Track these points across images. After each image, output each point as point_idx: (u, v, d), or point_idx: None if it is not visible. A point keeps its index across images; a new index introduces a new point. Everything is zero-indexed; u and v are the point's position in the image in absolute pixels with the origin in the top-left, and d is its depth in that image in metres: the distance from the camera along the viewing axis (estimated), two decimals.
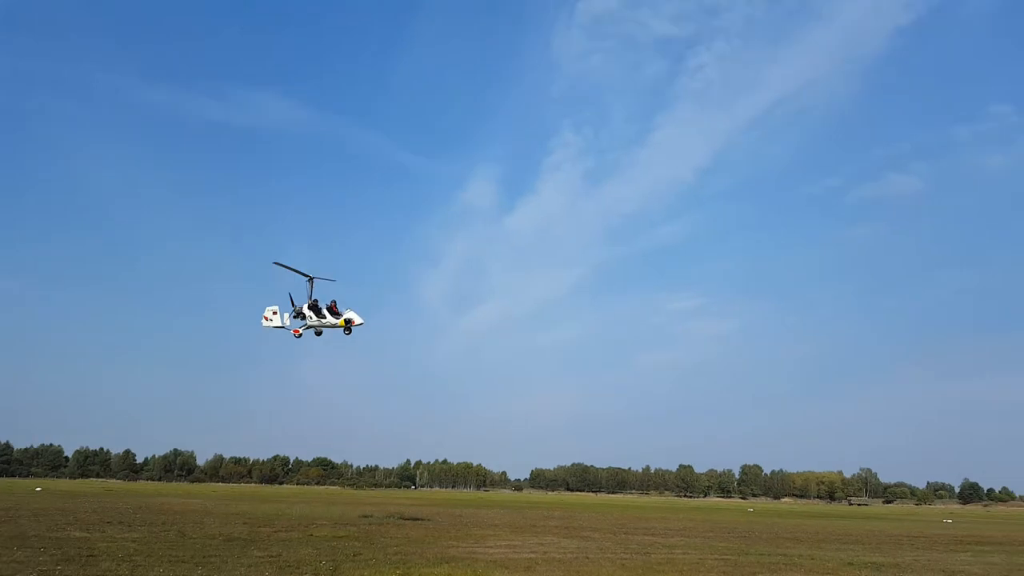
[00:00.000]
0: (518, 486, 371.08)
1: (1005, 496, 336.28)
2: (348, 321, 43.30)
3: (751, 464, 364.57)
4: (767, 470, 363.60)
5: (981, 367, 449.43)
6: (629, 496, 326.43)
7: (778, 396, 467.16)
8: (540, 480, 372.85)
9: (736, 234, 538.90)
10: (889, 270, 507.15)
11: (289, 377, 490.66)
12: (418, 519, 68.58)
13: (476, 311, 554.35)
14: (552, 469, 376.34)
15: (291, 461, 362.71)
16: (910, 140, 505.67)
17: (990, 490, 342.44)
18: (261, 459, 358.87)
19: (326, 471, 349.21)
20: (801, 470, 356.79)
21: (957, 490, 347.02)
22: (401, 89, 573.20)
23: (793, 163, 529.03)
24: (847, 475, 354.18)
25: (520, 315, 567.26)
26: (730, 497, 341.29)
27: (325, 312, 43.57)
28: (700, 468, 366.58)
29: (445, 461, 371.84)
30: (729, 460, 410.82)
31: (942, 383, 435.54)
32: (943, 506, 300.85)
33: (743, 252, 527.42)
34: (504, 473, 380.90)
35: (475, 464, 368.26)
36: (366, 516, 69.68)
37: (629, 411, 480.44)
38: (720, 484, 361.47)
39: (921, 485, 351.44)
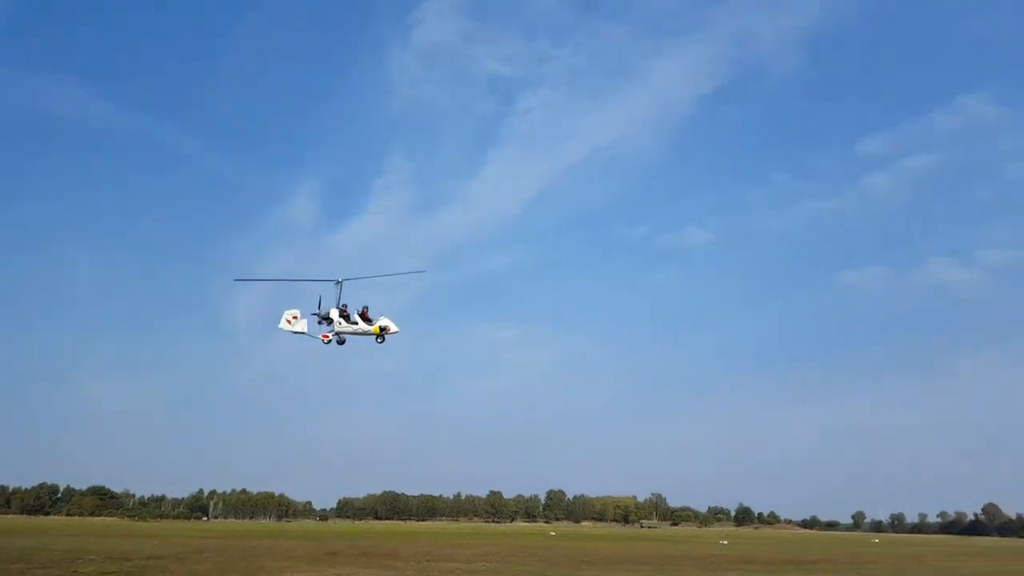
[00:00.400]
0: (323, 516, 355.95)
1: (772, 520, 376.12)
2: (383, 329, 39.98)
3: (556, 489, 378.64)
4: (570, 495, 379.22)
5: (757, 402, 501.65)
6: (439, 523, 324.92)
7: (585, 424, 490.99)
8: (348, 509, 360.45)
9: (557, 269, 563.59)
10: (685, 312, 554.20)
11: (61, 393, 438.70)
12: (204, 552, 63.21)
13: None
14: (361, 498, 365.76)
15: (61, 489, 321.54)
16: (706, 197, 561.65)
17: (760, 514, 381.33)
18: (23, 487, 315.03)
19: (103, 501, 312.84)
20: (600, 495, 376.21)
21: (733, 514, 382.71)
22: (222, 92, 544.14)
23: (608, 208, 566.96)
24: (640, 499, 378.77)
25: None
26: (535, 522, 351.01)
27: (357, 318, 40.18)
28: (509, 494, 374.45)
29: (243, 491, 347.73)
30: (537, 486, 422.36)
31: (722, 416, 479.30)
32: (721, 528, 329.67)
33: (562, 287, 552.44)
34: (309, 503, 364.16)
35: (277, 494, 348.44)
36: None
37: (444, 437, 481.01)
38: (527, 509, 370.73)
39: (703, 509, 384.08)
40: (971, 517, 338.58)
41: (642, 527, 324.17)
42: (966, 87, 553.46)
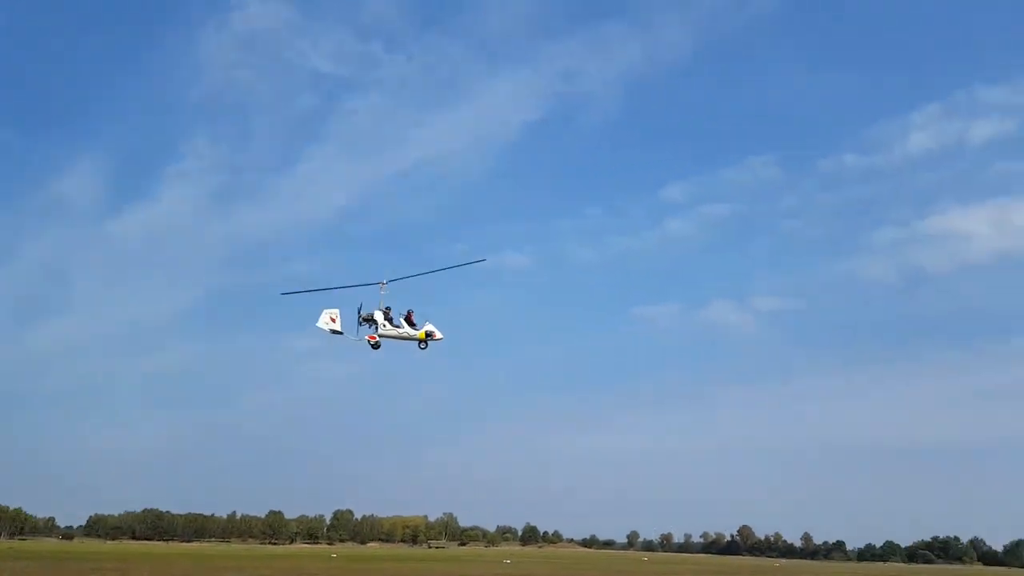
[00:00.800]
0: (68, 534, 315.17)
1: (556, 539, 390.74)
2: (428, 334, 39.16)
3: (344, 509, 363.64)
4: (358, 515, 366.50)
5: (547, 425, 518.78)
6: (207, 544, 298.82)
7: (379, 441, 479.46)
8: (100, 527, 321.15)
9: (366, 280, 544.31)
10: (491, 334, 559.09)
11: None
12: None
13: (48, 324, 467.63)
14: (117, 515, 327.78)
15: None
16: (525, 222, 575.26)
17: (545, 532, 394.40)
18: None
19: None
20: (391, 515, 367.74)
21: (520, 533, 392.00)
22: None
23: (428, 222, 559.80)
24: (432, 519, 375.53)
25: (108, 335, 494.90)
26: (317, 543, 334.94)
27: (401, 321, 38.89)
28: (292, 514, 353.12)
29: None
30: (324, 506, 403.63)
31: (515, 436, 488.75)
32: (507, 548, 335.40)
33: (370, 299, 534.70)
34: (51, 519, 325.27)
35: (11, 507, 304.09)
36: None
37: (225, 452, 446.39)
38: (309, 530, 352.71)
39: (493, 528, 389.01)
40: (728, 538, 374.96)
41: (430, 547, 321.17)
42: (754, 149, 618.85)
